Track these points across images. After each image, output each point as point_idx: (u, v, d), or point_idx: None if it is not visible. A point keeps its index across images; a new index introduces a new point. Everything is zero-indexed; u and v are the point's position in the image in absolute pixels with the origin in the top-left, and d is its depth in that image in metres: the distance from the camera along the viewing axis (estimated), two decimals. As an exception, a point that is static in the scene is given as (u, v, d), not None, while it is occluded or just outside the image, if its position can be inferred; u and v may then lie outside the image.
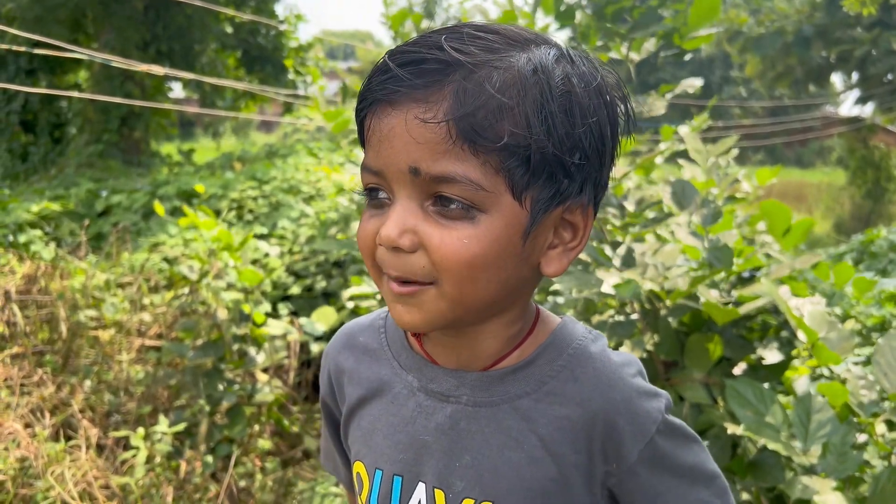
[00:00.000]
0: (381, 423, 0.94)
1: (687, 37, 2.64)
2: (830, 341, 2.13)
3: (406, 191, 0.78)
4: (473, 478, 0.87)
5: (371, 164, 0.81)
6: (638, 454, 0.87)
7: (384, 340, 0.99)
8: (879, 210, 19.17)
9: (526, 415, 0.87)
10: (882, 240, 8.19)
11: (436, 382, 0.91)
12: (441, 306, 0.80)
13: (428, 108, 0.74)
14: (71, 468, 3.24)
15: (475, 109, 0.73)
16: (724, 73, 32.76)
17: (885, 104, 18.66)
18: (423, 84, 0.75)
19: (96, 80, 10.83)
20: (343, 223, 5.11)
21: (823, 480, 1.89)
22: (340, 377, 1.02)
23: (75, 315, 3.95)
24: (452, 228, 0.77)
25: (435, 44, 0.76)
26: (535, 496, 0.86)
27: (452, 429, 0.89)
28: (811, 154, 36.67)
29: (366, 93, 0.80)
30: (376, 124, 0.79)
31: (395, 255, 0.79)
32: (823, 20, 16.74)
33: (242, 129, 29.65)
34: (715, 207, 2.51)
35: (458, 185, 0.75)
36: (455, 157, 0.75)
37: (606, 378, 0.88)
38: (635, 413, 0.87)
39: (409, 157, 0.76)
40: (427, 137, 0.75)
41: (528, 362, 0.89)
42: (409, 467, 0.91)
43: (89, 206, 6.17)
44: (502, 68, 0.76)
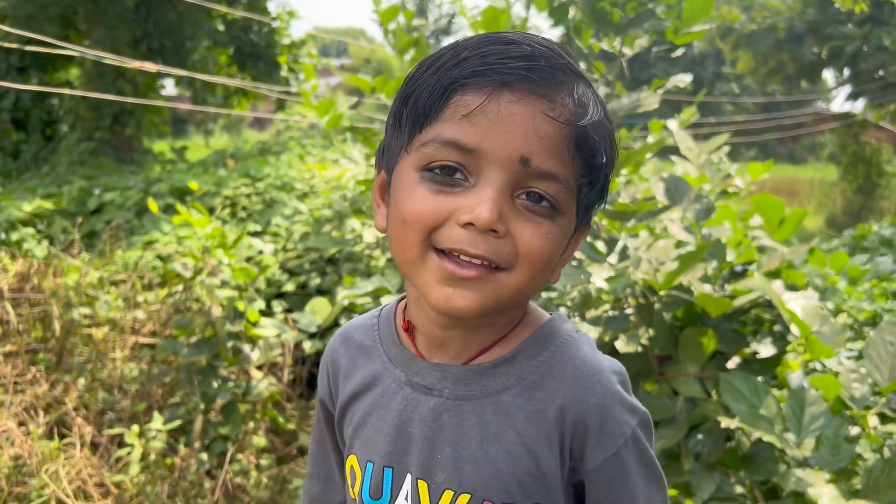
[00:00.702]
0: (371, 417, 0.97)
1: (680, 33, 2.64)
2: (823, 335, 2.14)
3: (504, 177, 0.79)
4: (453, 470, 0.89)
5: (468, 141, 0.79)
6: (601, 462, 0.88)
7: (377, 337, 1.00)
8: (871, 205, 19.25)
9: (505, 409, 0.89)
10: (874, 234, 8.23)
11: (420, 376, 0.93)
12: (501, 293, 0.82)
13: (553, 107, 0.78)
14: (65, 466, 3.23)
15: (591, 121, 0.79)
16: (717, 70, 32.82)
17: (876, 100, 18.73)
18: (546, 81, 0.78)
19: (88, 78, 10.79)
20: (337, 220, 5.10)
21: (817, 473, 1.91)
22: (337, 374, 1.04)
23: (69, 313, 3.94)
24: (540, 224, 0.81)
25: (545, 45, 0.80)
26: (513, 489, 0.88)
27: (435, 421, 0.91)
28: (803, 150, 36.80)
29: (478, 70, 0.79)
30: (492, 104, 0.78)
31: (481, 237, 0.79)
32: (815, 16, 16.80)
33: (235, 127, 29.55)
34: (707, 203, 2.52)
35: (556, 185, 0.80)
36: (562, 160, 0.80)
37: (586, 378, 0.89)
38: (607, 420, 0.88)
39: (524, 148, 0.78)
40: (549, 134, 0.78)
41: (510, 357, 0.91)
42: (398, 458, 0.94)
43: (82, 203, 6.15)
44: (590, 87, 0.83)
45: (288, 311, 4.80)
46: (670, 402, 2.23)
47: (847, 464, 1.92)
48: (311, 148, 8.32)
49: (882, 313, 4.49)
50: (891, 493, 1.72)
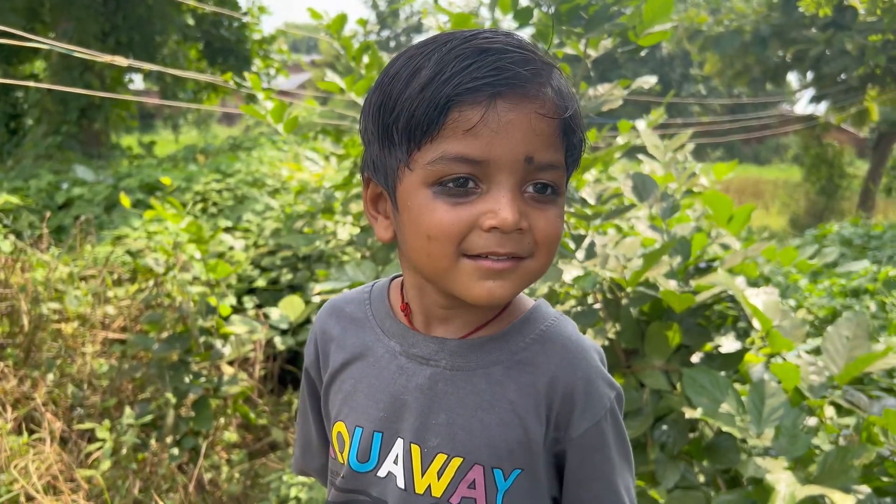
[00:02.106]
0: (362, 385, 1.02)
1: (642, 34, 2.71)
2: (784, 329, 2.23)
3: (514, 178, 0.86)
4: (447, 435, 0.96)
5: (476, 154, 0.84)
6: (584, 430, 0.97)
7: (369, 311, 1.07)
8: (832, 206, 19.65)
9: (498, 380, 0.96)
10: (834, 234, 8.44)
11: (417, 347, 1.00)
12: (527, 277, 0.91)
13: (543, 105, 0.85)
14: (34, 461, 3.21)
15: (574, 109, 0.88)
16: (685, 71, 33.22)
17: (839, 103, 19.09)
18: (537, 82, 0.85)
19: (54, 71, 10.60)
20: (309, 217, 5.10)
21: (776, 461, 1.98)
22: (327, 344, 1.09)
23: (37, 308, 3.90)
24: (548, 210, 0.89)
25: (522, 44, 0.86)
26: (502, 454, 0.95)
27: (431, 389, 0.97)
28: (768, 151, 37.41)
29: (468, 83, 0.83)
30: (491, 116, 0.83)
31: (507, 238, 0.86)
32: (780, 20, 17.07)
33: (204, 122, 29.24)
34: (673, 201, 2.59)
35: (556, 171, 0.88)
36: (556, 148, 0.88)
37: (573, 355, 0.98)
38: (591, 392, 0.97)
39: (526, 148, 0.85)
40: (543, 130, 0.86)
41: (503, 334, 0.99)
42: (389, 424, 0.99)
43: (49, 198, 6.08)
44: (561, 72, 0.90)
45: (259, 307, 4.80)
46: (637, 395, 2.29)
47: (804, 452, 2.00)
48: (283, 144, 8.29)
49: (841, 310, 4.63)
50: (843, 478, 1.80)
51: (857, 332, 2.14)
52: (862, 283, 5.15)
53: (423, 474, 0.97)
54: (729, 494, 2.05)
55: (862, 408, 2.18)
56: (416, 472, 0.97)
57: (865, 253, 7.47)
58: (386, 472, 0.99)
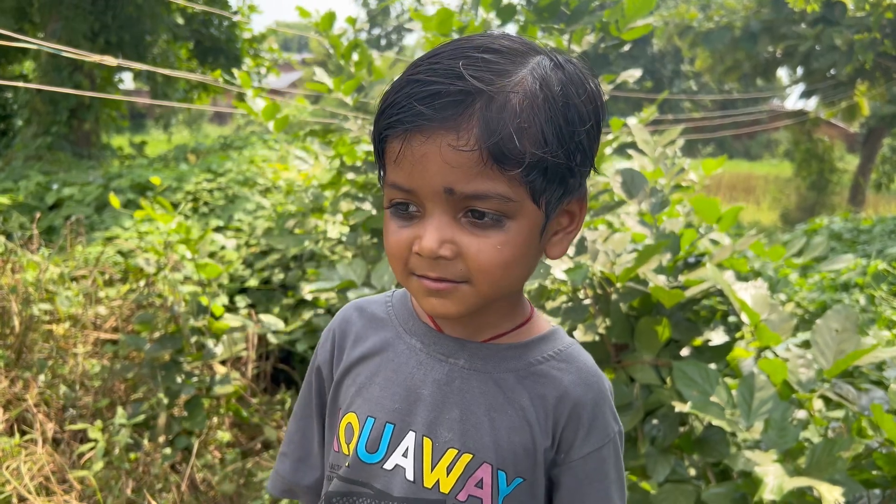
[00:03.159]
0: (379, 378, 1.04)
1: (624, 28, 2.72)
2: (772, 322, 2.24)
3: (440, 207, 0.87)
4: (459, 430, 0.97)
5: (402, 182, 0.88)
6: (586, 454, 0.98)
7: (392, 312, 1.09)
8: (823, 200, 19.75)
9: (511, 387, 0.98)
10: (824, 228, 8.48)
11: (438, 345, 1.02)
12: (474, 300, 0.91)
13: (459, 137, 0.82)
14: (27, 462, 3.21)
15: (502, 135, 0.82)
16: (675, 68, 33.29)
17: (828, 98, 19.18)
18: (451, 115, 0.82)
19: (44, 71, 10.55)
20: (300, 216, 5.10)
21: (765, 454, 2.00)
22: (344, 340, 1.10)
23: (28, 309, 3.89)
24: (486, 237, 0.87)
25: (454, 72, 0.83)
26: (508, 457, 0.96)
27: (448, 385, 0.99)
28: (759, 146, 37.56)
29: (392, 118, 0.86)
30: (407, 149, 0.85)
31: (436, 263, 0.88)
32: (770, 16, 17.12)
33: (195, 122, 29.17)
34: (663, 196, 2.60)
35: (490, 200, 0.84)
36: (486, 177, 0.83)
37: (587, 377, 1.00)
38: (598, 416, 0.99)
39: (443, 180, 0.84)
40: (460, 162, 0.83)
41: (522, 345, 1.01)
42: (402, 416, 1.00)
43: (39, 199, 6.05)
44: (515, 91, 0.83)
45: (251, 307, 4.80)
46: (627, 389, 2.31)
47: (793, 445, 2.02)
48: (274, 143, 8.28)
49: (831, 304, 4.66)
50: (830, 470, 1.82)
51: (846, 325, 2.15)
52: (851, 277, 5.18)
53: (433, 468, 0.97)
54: (719, 487, 2.07)
55: (851, 401, 2.20)
56: (427, 465, 0.98)
57: (855, 247, 7.50)
58: (393, 464, 0.99)
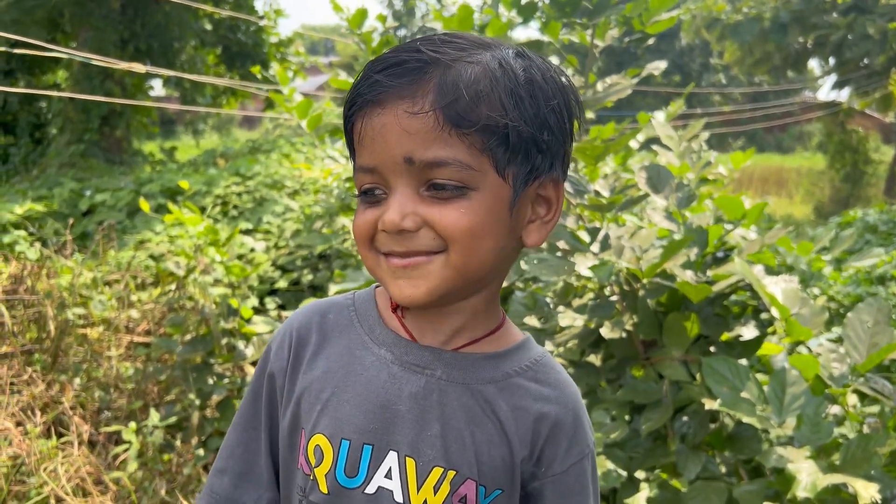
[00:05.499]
0: (347, 395, 0.96)
1: (649, 21, 2.70)
2: (802, 317, 2.20)
3: (403, 180, 0.86)
4: (440, 447, 0.93)
5: (366, 162, 0.88)
6: (569, 467, 0.97)
7: (354, 318, 1.02)
8: (858, 193, 19.39)
9: (490, 399, 0.95)
10: (858, 221, 8.32)
11: (411, 356, 0.97)
12: (445, 274, 0.88)
13: (414, 103, 0.83)
14: (64, 464, 3.27)
15: (457, 98, 0.82)
16: (704, 61, 32.95)
17: (862, 88, 18.83)
18: (407, 82, 0.84)
19: (76, 80, 10.75)
20: (328, 217, 5.14)
21: (798, 450, 1.96)
22: (303, 348, 1.02)
23: (63, 313, 3.97)
24: (449, 205, 0.85)
25: (412, 48, 0.85)
26: (488, 471, 0.94)
27: (425, 399, 0.95)
28: (791, 139, 36.97)
29: (353, 99, 0.88)
30: (367, 124, 0.86)
31: (400, 237, 0.87)
32: (799, 6, 16.86)
33: (224, 127, 29.51)
34: (689, 191, 2.57)
35: (449, 167, 0.84)
36: (444, 143, 0.83)
37: (564, 388, 1.00)
38: (578, 428, 0.98)
39: (402, 149, 0.84)
40: (417, 128, 0.83)
41: (499, 355, 0.98)
42: (380, 436, 0.94)
43: (73, 205, 6.17)
44: (473, 63, 0.85)
45: (281, 308, 4.85)
46: (656, 386, 2.28)
47: (827, 441, 1.98)
48: (301, 146, 8.34)
49: (866, 297, 4.56)
50: (865, 466, 1.78)
51: (878, 317, 2.10)
52: (887, 270, 5.08)
53: (419, 489, 0.93)
54: (751, 484, 2.04)
55: (886, 395, 2.15)
56: (412, 486, 0.93)
57: (891, 239, 7.35)
58: (375, 487, 0.94)
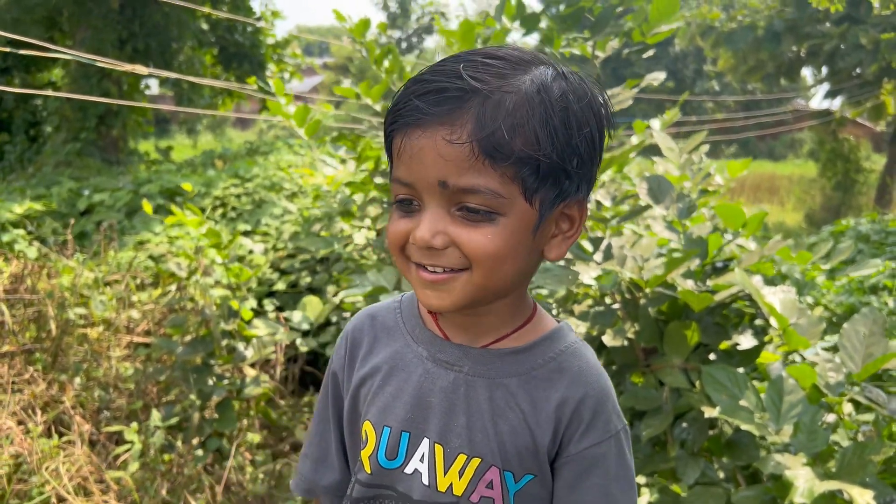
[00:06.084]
0: (390, 387, 1.08)
1: (649, 33, 2.75)
2: (800, 327, 2.25)
3: (435, 200, 0.92)
4: (466, 437, 1.02)
5: (403, 176, 0.94)
6: (584, 448, 1.01)
7: (399, 319, 1.13)
8: (849, 201, 19.53)
9: (513, 392, 1.02)
10: (850, 230, 8.40)
11: (443, 353, 1.06)
12: (468, 290, 0.95)
13: (453, 131, 0.88)
14: (65, 463, 3.29)
15: (493, 130, 0.87)
16: (698, 68, 33.11)
17: (854, 97, 18.99)
18: (446, 110, 0.88)
19: (73, 79, 10.74)
20: (327, 220, 5.17)
21: (795, 457, 2.01)
22: (357, 349, 1.14)
23: (64, 313, 3.98)
24: (478, 228, 0.91)
25: (454, 73, 0.89)
26: (513, 459, 1.01)
27: (454, 392, 1.03)
28: (783, 147, 37.18)
29: (396, 115, 0.93)
30: (407, 143, 0.92)
31: (429, 252, 0.93)
32: (793, 15, 16.99)
33: (219, 127, 29.48)
34: (689, 201, 2.62)
35: (481, 195, 0.89)
36: (477, 172, 0.88)
37: (588, 375, 1.03)
38: (599, 413, 1.01)
39: (438, 172, 0.89)
40: (453, 155, 0.88)
41: (524, 349, 1.04)
42: (416, 424, 1.05)
43: (71, 205, 6.18)
44: (512, 92, 0.89)
45: (279, 310, 4.87)
46: (656, 393, 2.33)
47: (823, 448, 2.03)
48: (299, 148, 8.37)
49: (859, 306, 4.63)
50: (861, 473, 1.83)
51: (874, 328, 2.15)
52: (880, 280, 5.15)
53: (445, 473, 1.02)
54: (749, 490, 2.08)
55: (881, 404, 2.20)
56: (440, 470, 1.02)
57: (883, 249, 7.43)
58: (413, 469, 1.04)
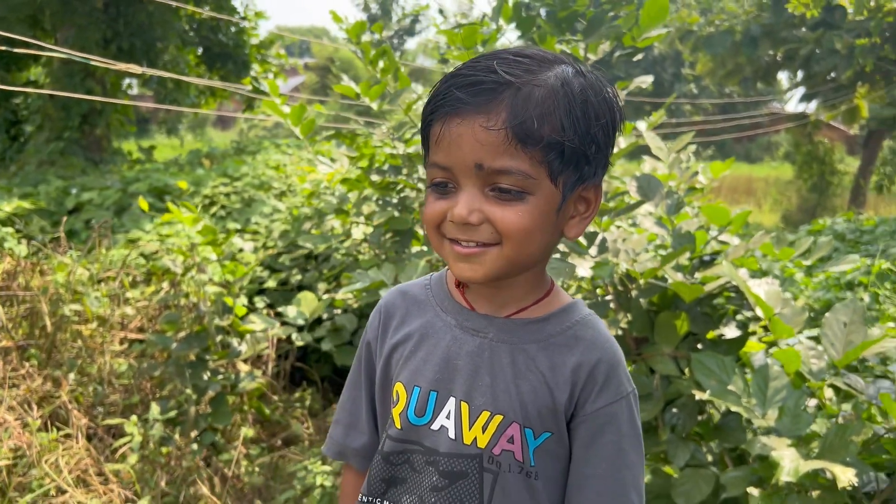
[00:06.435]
0: (421, 352, 1.20)
1: (640, 37, 2.86)
2: (785, 316, 2.37)
3: (471, 181, 1.03)
4: (490, 395, 1.13)
5: (441, 161, 1.05)
6: (599, 408, 1.12)
7: (430, 293, 1.26)
8: (824, 203, 19.88)
9: (533, 356, 1.14)
10: (827, 229, 8.60)
11: (470, 321, 1.18)
12: (499, 263, 1.06)
13: (489, 119, 0.99)
14: (64, 456, 3.33)
15: (525, 119, 0.99)
16: (676, 71, 33.45)
17: (829, 101, 19.33)
18: (483, 101, 1.00)
19: (56, 77, 10.69)
20: (317, 218, 5.24)
21: (780, 439, 2.12)
22: (389, 320, 1.26)
23: (59, 310, 4.02)
24: (510, 206, 1.02)
25: (488, 68, 1.01)
26: (533, 416, 1.12)
27: (479, 356, 1.15)
28: (759, 149, 37.70)
29: (436, 105, 1.05)
30: (446, 130, 1.03)
31: (465, 228, 1.05)
32: (770, 20, 17.26)
33: (199, 126, 29.36)
34: (677, 198, 2.73)
35: (513, 175, 1.01)
36: (510, 155, 1.00)
37: (602, 342, 1.15)
38: (612, 377, 1.13)
39: (475, 156, 1.01)
40: (489, 140, 1.00)
41: (543, 319, 1.16)
42: (444, 384, 1.16)
43: (59, 203, 6.18)
44: (540, 85, 1.01)
45: (270, 307, 4.93)
46: (648, 380, 2.43)
47: (806, 430, 2.15)
48: (286, 148, 8.41)
49: (836, 302, 4.78)
50: (843, 453, 1.94)
51: (854, 318, 2.27)
52: (856, 276, 5.31)
53: (470, 427, 1.12)
54: (736, 471, 2.19)
55: (859, 390, 2.32)
56: (465, 425, 1.13)
57: (858, 247, 7.63)
58: (439, 425, 1.15)
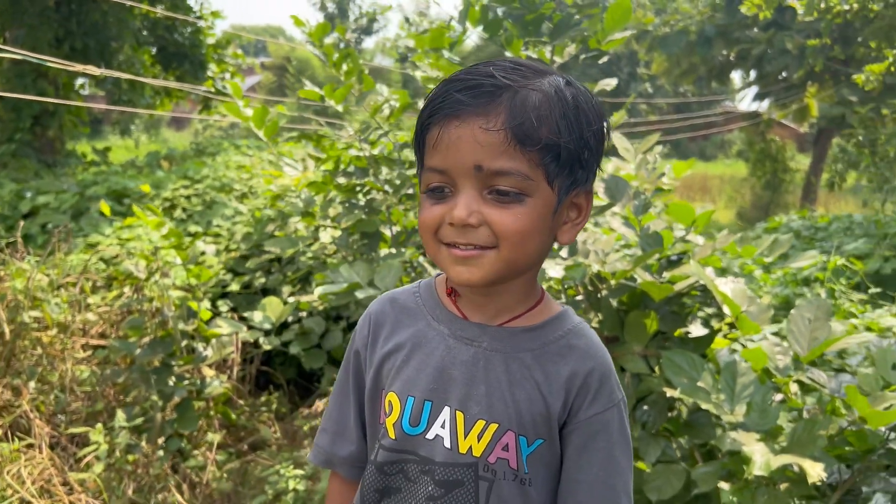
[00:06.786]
0: (415, 361, 1.19)
1: (604, 40, 2.91)
2: (751, 314, 2.42)
3: (470, 182, 1.04)
4: (485, 404, 1.13)
5: (438, 164, 1.06)
6: (592, 415, 1.14)
7: (420, 301, 1.25)
8: (777, 200, 20.35)
9: (527, 364, 1.14)
10: (783, 226, 8.81)
11: (463, 331, 1.18)
12: (496, 265, 1.06)
13: (488, 120, 1.01)
14: (27, 466, 3.25)
15: (524, 120, 1.00)
16: (631, 71, 33.87)
17: (781, 100, 19.81)
18: (483, 103, 1.01)
19: (6, 78, 10.40)
20: (280, 220, 5.19)
21: (748, 434, 2.17)
22: (379, 329, 1.25)
23: (18, 316, 3.92)
24: (508, 209, 1.03)
25: (486, 73, 1.03)
26: (527, 425, 1.13)
27: (474, 365, 1.15)
28: (713, 147, 38.39)
29: (434, 108, 1.05)
30: (445, 133, 1.03)
31: (463, 231, 1.05)
32: (724, 21, 17.63)
33: (154, 127, 28.85)
34: (645, 199, 2.78)
35: (512, 177, 1.02)
36: (509, 156, 1.01)
37: (594, 351, 1.17)
38: (604, 384, 1.15)
39: (474, 157, 1.02)
40: (488, 141, 1.01)
41: (536, 327, 1.17)
42: (439, 394, 1.16)
43: (13, 207, 6.03)
44: (536, 90, 1.03)
45: (233, 311, 4.87)
46: (618, 378, 2.47)
47: (773, 425, 2.20)
48: (247, 149, 8.32)
49: (793, 298, 4.91)
50: (811, 447, 2.00)
51: (818, 314, 2.34)
52: (812, 272, 5.45)
53: (465, 436, 1.13)
54: (707, 466, 2.24)
55: (822, 385, 2.39)
56: (460, 434, 1.13)
57: (813, 244, 7.83)
58: (434, 434, 1.15)
